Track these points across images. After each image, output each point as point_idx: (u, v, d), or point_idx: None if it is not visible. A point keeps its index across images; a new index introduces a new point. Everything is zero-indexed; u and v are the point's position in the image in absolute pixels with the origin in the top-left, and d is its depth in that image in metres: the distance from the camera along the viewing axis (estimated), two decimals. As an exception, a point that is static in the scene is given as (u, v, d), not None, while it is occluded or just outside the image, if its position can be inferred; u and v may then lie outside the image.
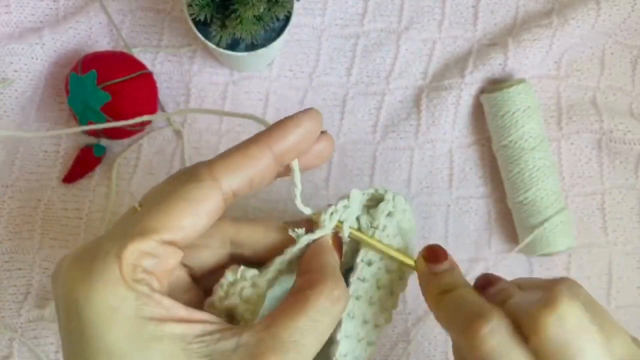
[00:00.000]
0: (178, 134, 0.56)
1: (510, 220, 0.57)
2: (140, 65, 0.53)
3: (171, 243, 0.27)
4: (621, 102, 0.60)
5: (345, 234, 0.34)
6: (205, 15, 0.48)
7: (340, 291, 0.29)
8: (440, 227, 0.57)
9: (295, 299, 0.28)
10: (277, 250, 0.33)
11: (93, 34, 0.56)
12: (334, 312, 0.28)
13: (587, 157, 0.59)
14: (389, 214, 0.35)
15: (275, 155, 0.29)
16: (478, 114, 0.58)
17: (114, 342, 0.25)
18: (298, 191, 0.32)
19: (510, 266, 0.57)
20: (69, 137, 0.55)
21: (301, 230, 0.33)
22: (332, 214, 0.34)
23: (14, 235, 0.53)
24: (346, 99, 0.58)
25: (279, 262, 0.32)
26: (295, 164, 0.31)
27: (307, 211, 0.33)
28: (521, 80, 0.56)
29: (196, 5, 0.47)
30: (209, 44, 0.50)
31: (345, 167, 0.57)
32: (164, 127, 0.56)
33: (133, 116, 0.51)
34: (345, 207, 0.34)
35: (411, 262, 0.35)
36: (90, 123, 0.51)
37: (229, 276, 0.31)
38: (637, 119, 0.58)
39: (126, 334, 0.25)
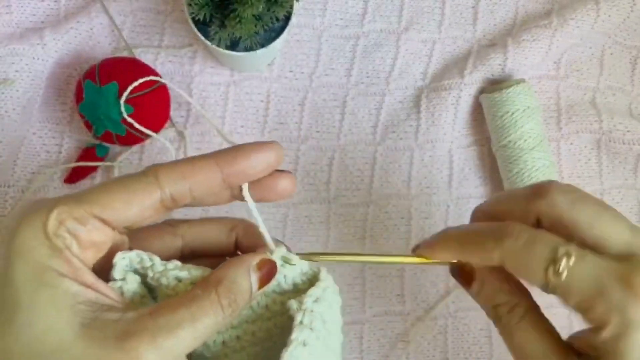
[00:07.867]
0: (180, 135, 0.56)
1: (510, 220, 0.57)
2: (156, 75, 0.53)
3: (102, 220, 0.30)
4: (620, 102, 0.60)
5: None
6: (205, 14, 0.48)
7: (228, 302, 0.31)
8: (440, 227, 0.57)
9: (186, 295, 0.31)
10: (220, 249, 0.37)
11: (94, 34, 0.56)
12: (217, 317, 0.30)
13: (586, 157, 0.59)
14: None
15: (223, 175, 0.32)
16: (477, 114, 0.59)
17: (17, 274, 0.28)
18: (254, 213, 0.34)
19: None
20: (71, 137, 0.56)
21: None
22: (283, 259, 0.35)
23: (16, 234, 0.54)
24: (346, 99, 0.59)
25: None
26: (245, 187, 0.33)
27: (267, 236, 0.35)
28: (520, 81, 0.56)
29: (195, 4, 0.48)
30: (209, 43, 0.50)
31: (345, 168, 0.57)
32: (167, 129, 0.56)
33: (151, 125, 0.52)
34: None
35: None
36: (108, 131, 0.51)
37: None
38: (636, 119, 0.59)
39: (29, 272, 0.28)
